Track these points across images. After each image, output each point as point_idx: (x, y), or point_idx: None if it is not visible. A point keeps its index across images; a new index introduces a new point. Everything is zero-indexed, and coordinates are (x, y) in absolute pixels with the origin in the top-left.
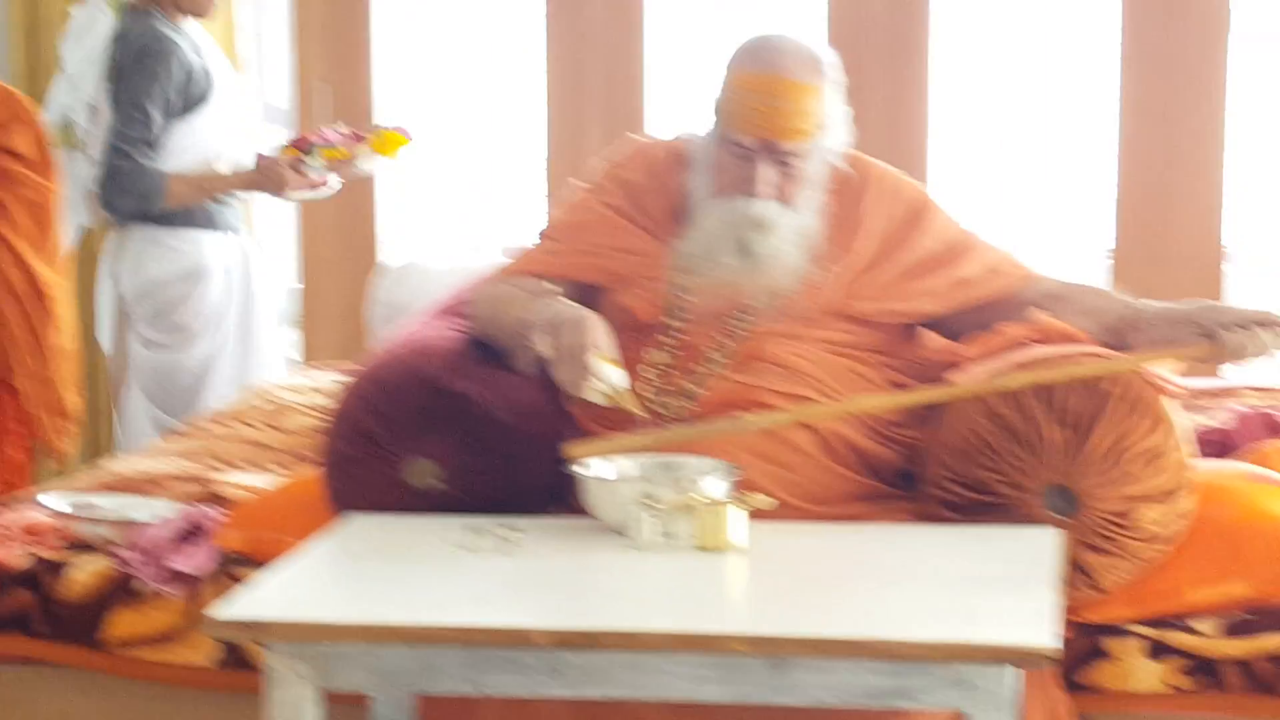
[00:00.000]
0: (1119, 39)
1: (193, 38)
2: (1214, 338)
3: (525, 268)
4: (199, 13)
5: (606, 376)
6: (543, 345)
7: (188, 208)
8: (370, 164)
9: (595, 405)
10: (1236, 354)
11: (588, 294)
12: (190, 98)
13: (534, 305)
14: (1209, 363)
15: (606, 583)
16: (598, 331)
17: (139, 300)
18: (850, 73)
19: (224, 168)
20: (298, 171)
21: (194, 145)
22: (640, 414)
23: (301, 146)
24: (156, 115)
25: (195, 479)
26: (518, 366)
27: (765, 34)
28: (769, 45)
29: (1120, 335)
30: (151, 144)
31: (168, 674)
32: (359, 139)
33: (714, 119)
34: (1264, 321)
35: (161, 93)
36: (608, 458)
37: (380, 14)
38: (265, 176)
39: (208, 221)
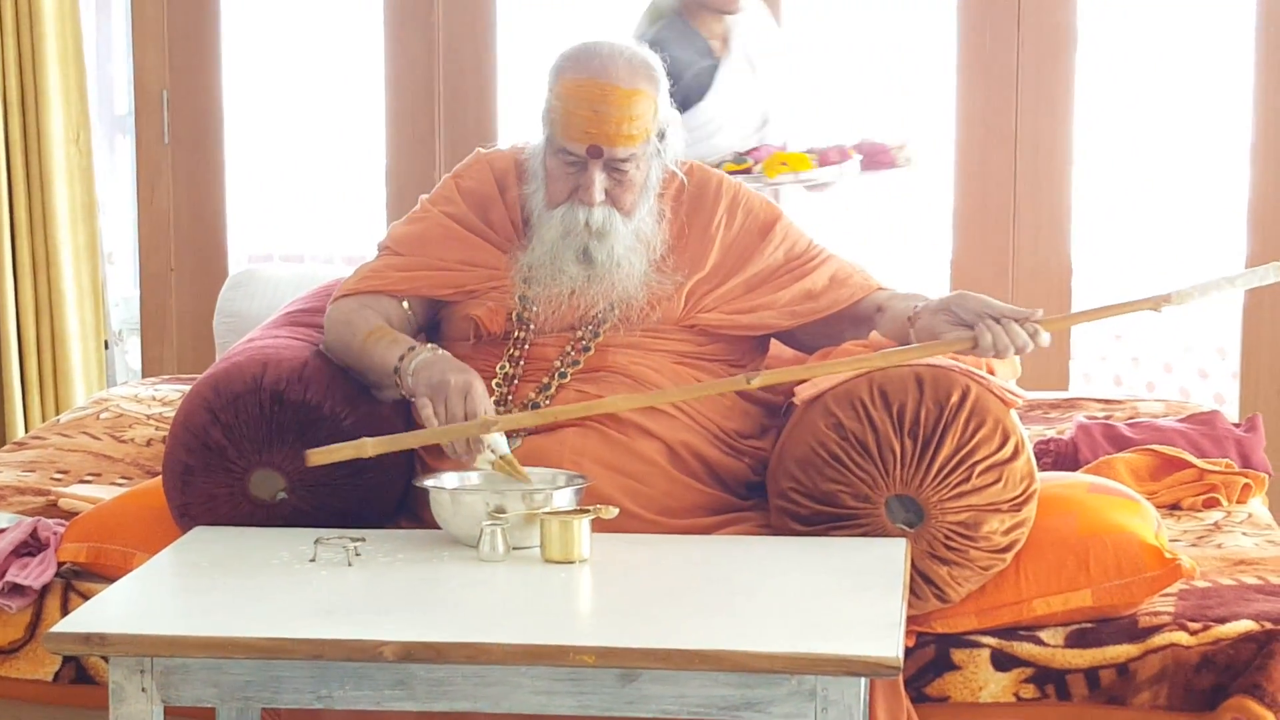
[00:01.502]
0: (955, 54)
1: (705, 38)
2: (973, 330)
3: (371, 284)
4: (725, 9)
5: (492, 444)
6: (427, 413)
7: None
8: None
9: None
10: (992, 348)
11: (433, 307)
12: (683, 97)
13: (400, 350)
14: (969, 355)
15: (454, 595)
16: (483, 395)
17: None
18: None
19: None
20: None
21: (701, 139)
22: (524, 479)
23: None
24: None
25: (36, 490)
26: (374, 393)
27: (588, 40)
28: (593, 51)
29: (905, 334)
30: None
31: (8, 689)
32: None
33: (543, 128)
34: (1019, 318)
35: None
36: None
37: (227, 21)
38: None
39: None
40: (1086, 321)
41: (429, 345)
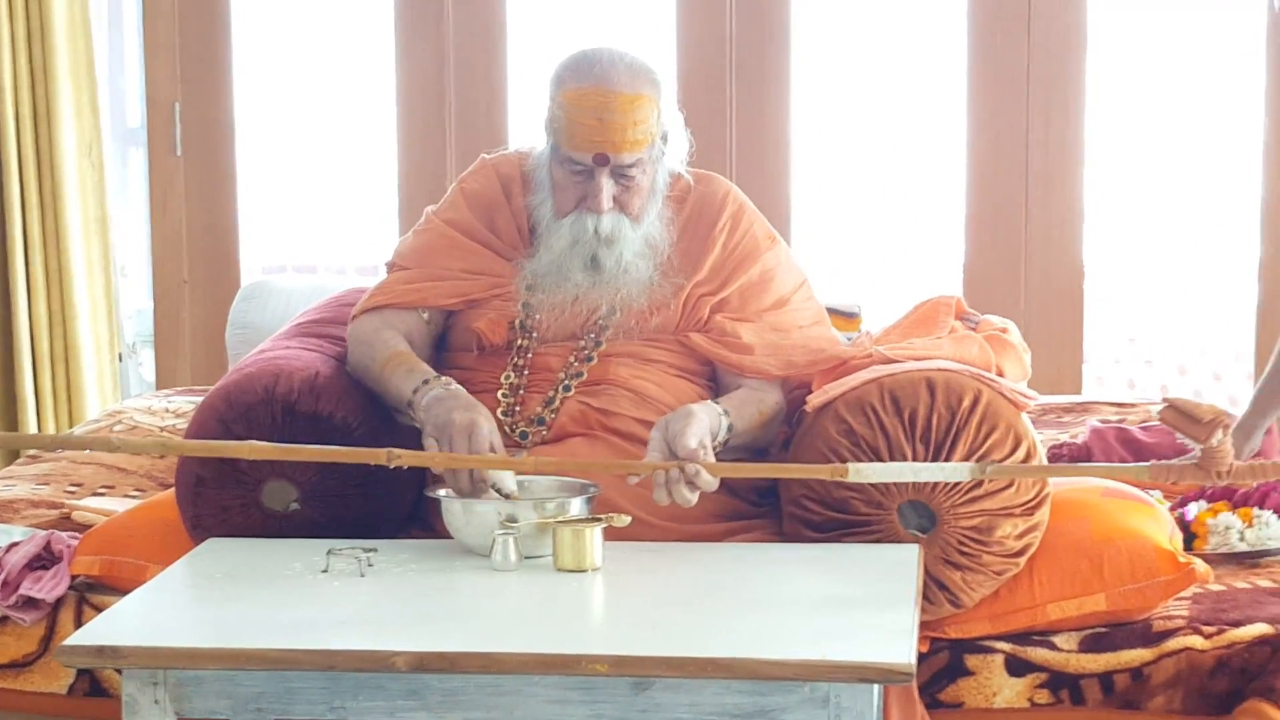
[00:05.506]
0: (965, 57)
1: None
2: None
3: (379, 300)
4: None
5: (498, 483)
6: (432, 447)
7: None
8: None
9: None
10: (663, 486)
11: (443, 317)
12: None
13: (415, 384)
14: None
15: (467, 605)
16: (487, 435)
17: None
18: (713, 94)
19: None
20: None
21: None
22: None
23: None
24: None
25: (49, 503)
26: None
27: (588, 49)
28: (593, 59)
29: None
30: None
31: (23, 702)
32: None
33: (547, 138)
34: (688, 457)
35: None
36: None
37: (238, 33)
38: None
39: None
40: (758, 476)
41: (443, 379)
